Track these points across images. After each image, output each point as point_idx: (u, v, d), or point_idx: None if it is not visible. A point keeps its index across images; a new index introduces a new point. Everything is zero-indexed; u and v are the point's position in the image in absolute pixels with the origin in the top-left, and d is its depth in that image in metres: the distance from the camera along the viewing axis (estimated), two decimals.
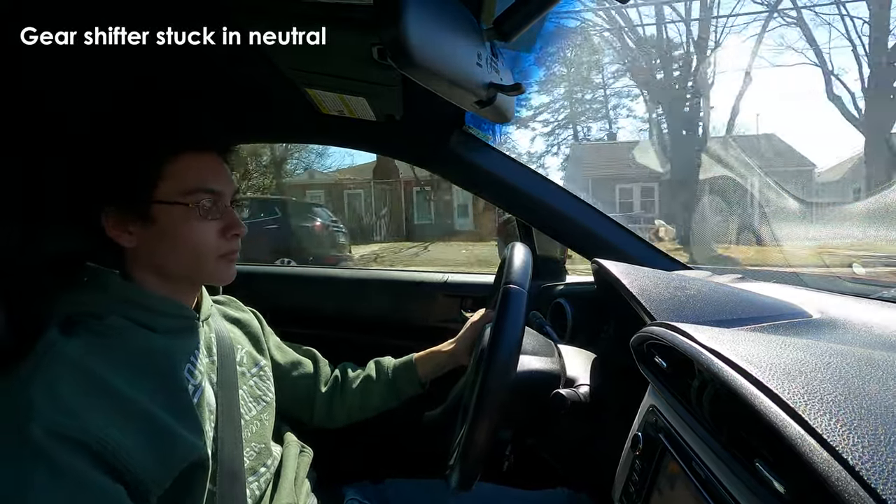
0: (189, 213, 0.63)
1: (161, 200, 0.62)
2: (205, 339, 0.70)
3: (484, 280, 1.45)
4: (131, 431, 0.52)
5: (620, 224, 1.10)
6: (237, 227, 0.67)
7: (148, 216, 0.62)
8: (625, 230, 1.09)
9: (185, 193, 0.63)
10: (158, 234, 0.63)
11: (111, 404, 0.52)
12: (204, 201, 0.63)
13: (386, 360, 0.98)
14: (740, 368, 0.40)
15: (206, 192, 0.64)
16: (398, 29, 0.41)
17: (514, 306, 0.62)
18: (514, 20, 0.52)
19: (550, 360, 0.75)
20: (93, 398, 0.52)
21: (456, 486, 0.60)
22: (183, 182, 0.63)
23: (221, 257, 0.67)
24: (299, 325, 1.27)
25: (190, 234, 0.63)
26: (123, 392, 0.54)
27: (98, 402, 0.52)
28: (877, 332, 0.58)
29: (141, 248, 0.64)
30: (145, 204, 0.62)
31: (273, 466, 0.76)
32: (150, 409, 0.55)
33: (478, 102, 0.59)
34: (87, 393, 0.51)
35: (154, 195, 0.62)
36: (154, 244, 0.63)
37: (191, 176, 0.63)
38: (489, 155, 1.09)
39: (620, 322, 0.88)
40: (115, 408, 0.53)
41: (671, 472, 0.49)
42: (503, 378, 0.60)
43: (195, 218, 0.63)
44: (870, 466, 0.28)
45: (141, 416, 0.54)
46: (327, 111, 0.99)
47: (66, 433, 0.48)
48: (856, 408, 0.34)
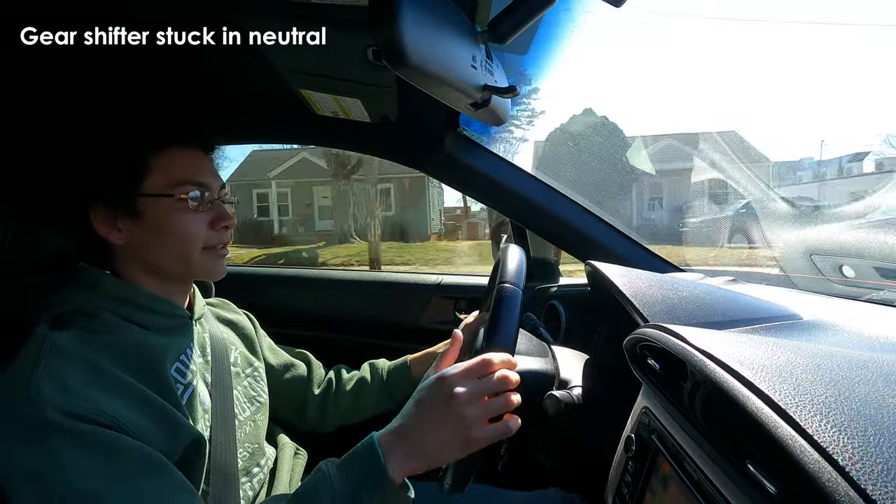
0: (177, 204, 0.63)
1: (149, 194, 0.62)
2: (198, 339, 0.70)
3: (477, 282, 1.45)
4: (138, 411, 0.53)
5: (614, 226, 1.10)
6: (226, 219, 0.68)
7: (136, 211, 0.62)
8: (618, 232, 1.09)
9: (173, 185, 0.63)
10: (147, 228, 0.63)
11: (115, 388, 0.53)
12: (192, 193, 0.64)
13: (380, 363, 0.98)
14: (732, 370, 0.40)
15: (194, 184, 0.64)
16: (393, 30, 0.41)
17: (509, 306, 0.62)
18: (509, 22, 0.52)
19: (544, 361, 0.75)
20: (96, 383, 0.52)
21: (450, 488, 0.60)
22: (170, 174, 0.63)
23: (211, 249, 0.67)
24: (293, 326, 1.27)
25: (179, 226, 0.63)
26: (121, 377, 0.54)
27: (102, 387, 0.52)
28: (866, 334, 0.58)
29: (130, 244, 0.64)
30: (133, 198, 0.62)
31: (267, 467, 0.76)
32: (148, 392, 0.55)
33: (472, 104, 0.59)
34: (90, 379, 0.52)
35: (141, 189, 0.62)
36: (143, 240, 0.63)
37: (177, 168, 0.64)
38: (483, 156, 1.09)
39: (614, 324, 0.88)
40: (119, 391, 0.53)
41: (664, 473, 0.49)
42: None
43: (184, 209, 0.63)
44: (860, 467, 0.29)
45: (142, 397, 0.54)
46: (321, 112, 0.99)
47: (80, 413, 0.49)
48: (846, 409, 0.34)
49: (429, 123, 1.04)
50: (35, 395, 0.48)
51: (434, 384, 0.55)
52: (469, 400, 0.53)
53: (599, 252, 1.05)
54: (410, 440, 0.54)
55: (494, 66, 0.63)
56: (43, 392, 0.48)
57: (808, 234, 0.99)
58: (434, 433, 0.53)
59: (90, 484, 0.46)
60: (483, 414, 0.53)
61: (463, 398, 0.53)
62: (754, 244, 1.50)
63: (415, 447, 0.53)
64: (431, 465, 0.54)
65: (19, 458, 0.47)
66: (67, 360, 0.52)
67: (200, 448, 0.59)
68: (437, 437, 0.53)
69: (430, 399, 0.55)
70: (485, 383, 0.54)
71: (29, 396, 0.48)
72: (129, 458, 0.49)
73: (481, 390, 0.54)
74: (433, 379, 0.56)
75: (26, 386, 0.49)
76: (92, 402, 0.50)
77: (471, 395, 0.53)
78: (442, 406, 0.53)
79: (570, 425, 0.70)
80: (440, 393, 0.54)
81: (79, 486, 0.46)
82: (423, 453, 0.54)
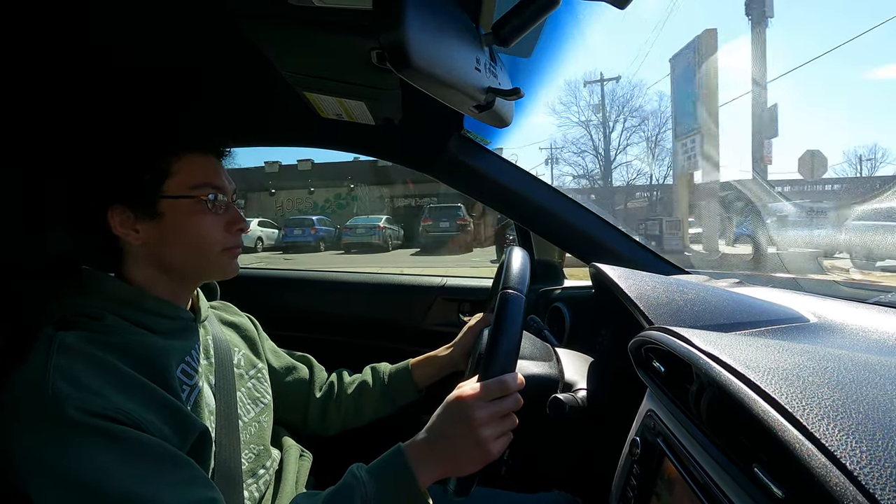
0: (197, 205, 0.66)
1: (169, 195, 0.64)
2: (202, 342, 0.70)
3: (481, 284, 1.45)
4: (152, 408, 0.54)
5: (618, 228, 1.10)
6: (241, 222, 0.70)
7: (156, 212, 0.64)
8: (623, 234, 1.09)
9: (193, 187, 0.65)
10: (166, 228, 0.65)
11: (127, 385, 0.54)
12: (210, 195, 0.66)
13: (382, 366, 0.98)
14: (738, 373, 0.40)
15: (212, 187, 0.67)
16: (397, 33, 0.41)
17: (512, 312, 0.62)
18: (513, 25, 0.52)
19: (548, 364, 0.75)
20: (109, 381, 0.53)
21: (454, 491, 0.60)
22: (190, 177, 0.66)
23: (226, 250, 0.69)
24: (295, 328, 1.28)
25: (197, 227, 0.66)
26: (133, 374, 0.55)
27: (115, 384, 0.53)
28: (873, 337, 0.58)
29: (147, 245, 0.65)
30: (154, 200, 0.64)
31: (272, 468, 0.76)
32: (158, 389, 0.56)
33: (476, 107, 0.59)
34: (103, 377, 0.53)
35: (163, 190, 0.64)
36: (161, 240, 0.65)
37: (196, 172, 0.66)
38: (487, 159, 1.09)
39: (618, 326, 0.88)
40: (132, 388, 0.54)
41: (669, 476, 0.49)
42: None
43: (202, 211, 0.66)
44: (868, 471, 0.28)
45: (154, 396, 0.55)
46: (326, 115, 0.99)
47: (100, 411, 0.49)
48: (853, 412, 0.34)
49: (433, 126, 1.04)
50: (54, 397, 0.49)
51: (454, 405, 0.61)
52: (487, 422, 0.59)
53: (603, 254, 1.05)
54: (435, 453, 0.60)
55: (498, 69, 0.63)
56: (62, 391, 0.49)
57: (816, 236, 0.99)
58: (455, 449, 0.59)
59: (121, 483, 0.48)
60: (500, 433, 0.60)
61: (482, 420, 0.58)
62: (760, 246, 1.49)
63: (438, 459, 0.60)
64: (450, 475, 0.60)
65: (45, 458, 0.47)
66: (78, 358, 0.52)
67: (206, 444, 0.60)
68: (458, 452, 0.59)
69: (451, 419, 0.61)
70: (500, 405, 0.60)
71: (48, 396, 0.49)
72: (153, 456, 0.51)
73: (498, 413, 0.60)
74: (454, 398, 0.61)
75: (43, 386, 0.49)
76: (109, 400, 0.51)
77: (489, 418, 0.59)
78: (462, 426, 0.59)
79: (575, 428, 0.69)
80: (461, 413, 0.60)
81: (111, 485, 0.47)
82: (444, 465, 0.60)
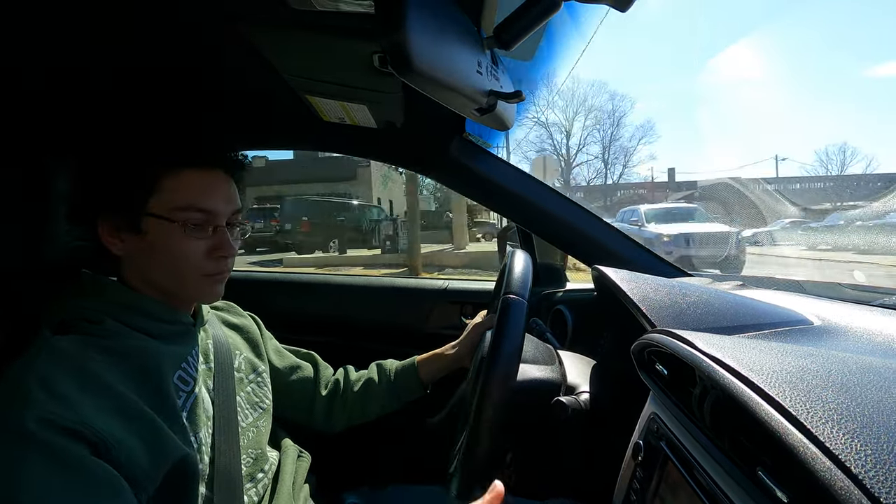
0: (176, 229, 0.63)
1: (152, 213, 0.62)
2: (202, 346, 0.70)
3: (484, 287, 1.45)
4: (126, 427, 0.52)
5: (621, 231, 1.10)
6: (224, 249, 0.66)
7: (138, 227, 0.62)
8: (625, 237, 1.09)
9: (175, 210, 0.62)
10: (147, 245, 0.63)
11: (107, 399, 0.52)
12: (192, 220, 0.63)
13: (388, 363, 0.98)
14: (742, 376, 0.39)
15: (198, 210, 0.63)
16: (399, 36, 0.41)
17: (514, 317, 0.62)
18: (515, 29, 0.52)
19: (550, 368, 0.75)
20: (89, 392, 0.51)
21: (456, 494, 0.59)
22: (177, 196, 0.63)
23: (206, 276, 0.66)
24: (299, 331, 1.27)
25: (174, 250, 0.63)
26: (117, 388, 0.54)
27: (94, 397, 0.51)
28: (878, 340, 0.58)
29: (130, 256, 0.64)
30: (137, 215, 0.62)
31: (271, 472, 0.76)
32: (142, 407, 0.55)
33: (478, 110, 0.59)
34: (83, 387, 0.51)
35: (147, 207, 0.62)
36: (142, 255, 0.64)
37: (183, 193, 0.63)
38: (489, 162, 1.09)
39: (621, 329, 0.87)
40: (111, 403, 0.52)
41: (672, 480, 0.48)
42: (502, 391, 0.59)
43: (181, 235, 0.63)
44: (873, 475, 0.28)
45: (135, 412, 0.54)
46: (328, 118, 1.00)
47: (62, 423, 0.48)
48: (858, 416, 0.33)
49: (435, 129, 1.04)
50: (21, 397, 0.48)
51: None
52: None
53: (606, 256, 1.05)
54: None
55: (500, 72, 0.63)
56: (30, 395, 0.48)
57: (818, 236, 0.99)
58: None
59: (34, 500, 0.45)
60: None
61: None
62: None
63: None
64: None
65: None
66: (63, 365, 0.52)
67: (189, 466, 0.58)
68: None
69: None
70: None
71: (15, 397, 0.48)
72: (87, 482, 0.48)
73: None
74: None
75: (16, 386, 0.49)
76: (77, 413, 0.49)
77: None
78: None
79: (577, 431, 0.69)
80: None
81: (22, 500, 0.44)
82: None
